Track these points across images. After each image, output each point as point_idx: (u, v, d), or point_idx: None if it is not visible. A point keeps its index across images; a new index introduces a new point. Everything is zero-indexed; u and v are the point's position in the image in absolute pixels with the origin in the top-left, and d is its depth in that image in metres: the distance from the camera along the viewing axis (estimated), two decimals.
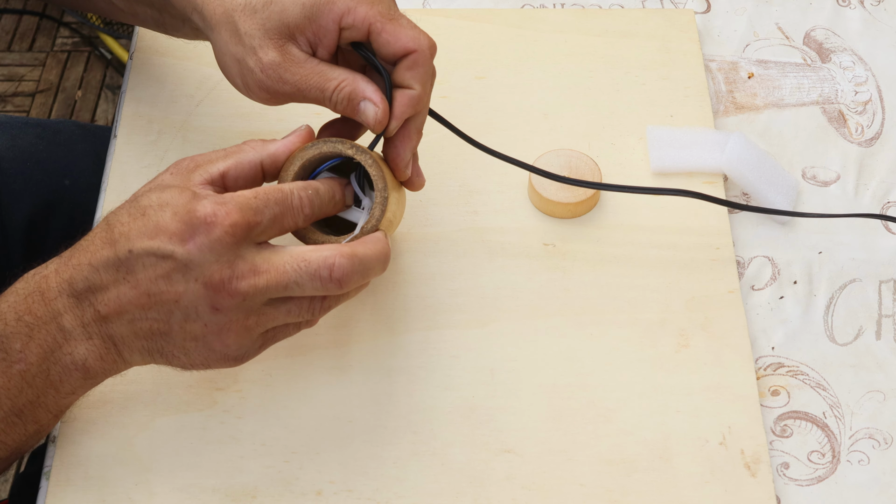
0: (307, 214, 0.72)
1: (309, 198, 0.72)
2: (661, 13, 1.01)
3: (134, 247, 0.68)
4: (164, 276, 0.68)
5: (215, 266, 0.67)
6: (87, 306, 0.69)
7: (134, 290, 0.68)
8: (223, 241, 0.67)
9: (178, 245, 0.67)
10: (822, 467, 0.79)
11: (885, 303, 0.86)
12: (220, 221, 0.67)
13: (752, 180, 0.89)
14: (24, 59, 2.14)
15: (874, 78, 0.98)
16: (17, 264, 1.00)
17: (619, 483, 0.77)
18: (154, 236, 0.67)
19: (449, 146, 0.92)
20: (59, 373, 0.70)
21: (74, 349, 0.69)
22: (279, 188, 0.71)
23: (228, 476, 0.77)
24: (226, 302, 0.68)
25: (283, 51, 0.75)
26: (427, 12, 1.01)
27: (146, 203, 0.69)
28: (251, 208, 0.68)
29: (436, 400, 0.80)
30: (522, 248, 0.87)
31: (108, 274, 0.68)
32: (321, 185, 0.73)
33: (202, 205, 0.68)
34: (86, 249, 0.70)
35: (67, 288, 0.69)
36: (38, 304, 0.69)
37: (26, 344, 0.69)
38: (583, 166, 0.89)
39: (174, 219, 0.67)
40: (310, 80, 0.75)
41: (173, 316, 0.69)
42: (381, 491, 0.76)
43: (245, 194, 0.69)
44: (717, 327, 0.83)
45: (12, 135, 1.05)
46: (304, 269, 0.69)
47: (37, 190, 1.03)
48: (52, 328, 0.69)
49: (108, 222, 0.70)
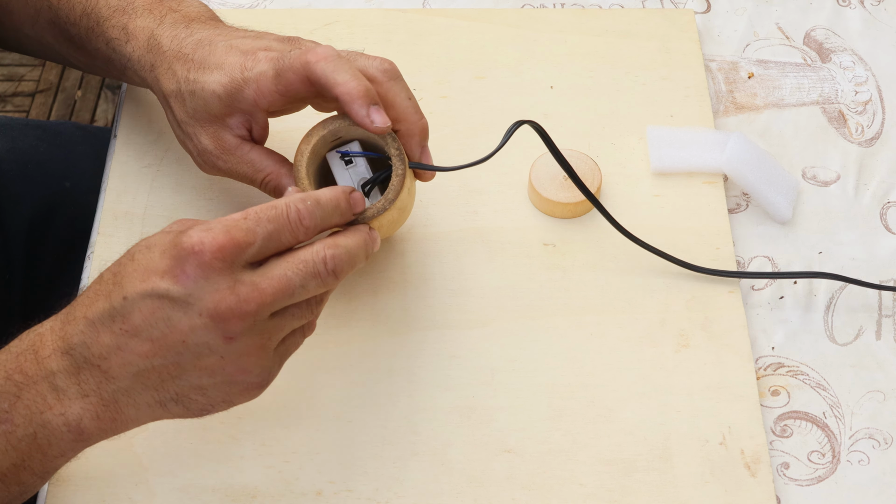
0: (308, 227, 0.69)
1: (308, 210, 0.69)
2: (661, 13, 1.01)
3: (127, 293, 0.65)
4: (164, 319, 0.65)
5: (216, 295, 0.65)
6: (84, 363, 0.66)
7: (134, 339, 0.65)
8: (214, 267, 0.65)
9: (170, 283, 0.65)
10: (822, 467, 0.79)
11: (885, 303, 0.86)
12: (207, 248, 0.64)
13: (752, 180, 0.89)
14: (24, 59, 2.14)
15: (874, 78, 0.98)
16: (18, 266, 1.00)
17: (619, 483, 0.77)
18: (145, 279, 0.65)
19: (449, 146, 0.92)
20: (48, 435, 0.67)
21: (67, 409, 0.66)
22: (273, 204, 0.68)
23: (228, 476, 0.77)
24: (237, 328, 0.65)
25: (215, 137, 0.78)
26: (427, 12, 1.01)
27: (134, 250, 0.67)
28: (240, 229, 0.66)
29: (436, 400, 0.80)
30: (522, 248, 0.87)
31: (104, 326, 0.66)
32: (323, 196, 0.70)
33: (187, 236, 0.65)
34: (81, 304, 0.67)
35: (62, 345, 0.66)
36: (31, 363, 0.67)
37: (13, 404, 0.66)
38: (583, 166, 0.89)
39: (162, 257, 0.65)
40: (240, 168, 0.79)
41: (183, 357, 0.66)
42: (381, 491, 0.76)
43: (233, 216, 0.67)
44: (717, 327, 0.83)
45: (12, 137, 1.05)
46: (304, 271, 0.67)
47: (37, 192, 1.03)
48: (42, 388, 0.66)
49: (100, 275, 0.68)
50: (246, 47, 0.77)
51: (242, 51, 0.77)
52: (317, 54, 0.74)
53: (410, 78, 0.95)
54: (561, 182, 0.88)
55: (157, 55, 0.80)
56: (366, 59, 0.77)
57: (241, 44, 0.78)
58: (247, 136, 0.79)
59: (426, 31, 0.99)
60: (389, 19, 0.99)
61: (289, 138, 0.84)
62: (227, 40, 0.78)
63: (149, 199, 0.89)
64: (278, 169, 0.79)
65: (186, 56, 0.78)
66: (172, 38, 0.79)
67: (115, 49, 0.83)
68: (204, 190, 0.89)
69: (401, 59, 0.95)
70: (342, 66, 0.74)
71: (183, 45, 0.79)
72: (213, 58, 0.77)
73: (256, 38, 0.79)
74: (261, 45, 0.77)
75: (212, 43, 0.78)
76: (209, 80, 0.77)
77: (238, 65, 0.76)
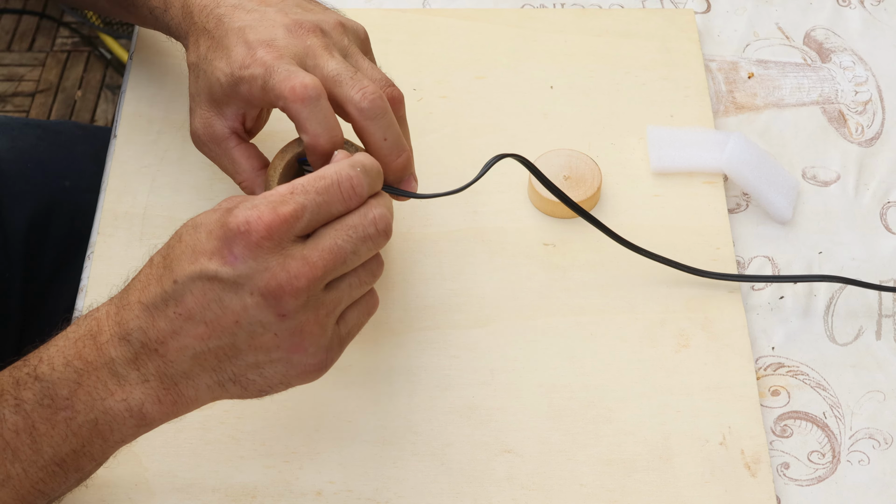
0: (360, 195, 0.67)
1: (359, 177, 0.67)
2: (661, 13, 1.01)
3: (178, 276, 0.65)
4: (216, 300, 0.64)
5: (266, 274, 0.64)
6: (142, 348, 0.65)
7: (189, 322, 0.65)
8: (262, 247, 0.64)
9: (218, 264, 0.64)
10: (823, 467, 0.79)
11: (884, 303, 0.86)
12: (254, 227, 0.63)
13: (752, 180, 0.89)
14: (24, 59, 2.14)
15: (874, 78, 0.98)
16: (17, 266, 1.00)
17: (619, 483, 0.77)
18: (194, 260, 0.64)
19: (449, 146, 0.92)
20: (109, 421, 0.66)
21: (129, 395, 0.66)
22: (321, 174, 0.66)
23: (228, 476, 0.77)
24: (290, 304, 0.64)
25: (207, 124, 0.78)
26: (427, 12, 1.01)
27: (182, 230, 0.66)
28: (287, 204, 0.64)
29: (436, 400, 0.80)
30: (522, 248, 0.87)
31: (159, 311, 0.65)
32: (366, 161, 0.68)
33: (233, 215, 0.64)
34: (134, 288, 0.67)
35: (119, 331, 0.66)
36: (90, 349, 0.66)
37: (74, 391, 0.65)
38: (583, 166, 0.89)
39: (209, 237, 0.64)
40: (221, 161, 0.80)
41: (238, 337, 0.65)
42: (381, 491, 0.76)
43: (279, 190, 0.65)
44: (717, 327, 0.83)
45: (12, 136, 1.05)
46: (355, 237, 0.66)
47: (37, 191, 1.02)
48: (103, 374, 0.65)
49: (150, 259, 0.67)
50: (252, 38, 0.76)
51: (247, 42, 0.75)
52: (294, 92, 0.72)
53: (410, 78, 0.95)
54: (561, 182, 0.88)
55: (189, 25, 0.80)
56: (351, 89, 0.74)
57: (250, 32, 0.76)
58: (239, 128, 0.79)
59: (426, 31, 0.99)
60: (389, 19, 0.99)
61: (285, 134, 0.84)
62: (242, 21, 0.77)
63: (149, 199, 0.89)
64: (254, 177, 0.79)
65: (209, 32, 0.78)
66: (202, 8, 0.79)
67: (158, 17, 0.84)
68: (204, 190, 0.89)
69: (401, 59, 0.96)
70: (315, 113, 0.72)
71: (208, 19, 0.78)
72: (226, 41, 0.76)
73: (269, 23, 0.76)
74: (266, 38, 0.75)
75: (229, 22, 0.77)
76: (217, 66, 0.76)
77: (238, 59, 0.75)
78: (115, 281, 0.85)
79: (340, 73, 0.74)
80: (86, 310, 0.83)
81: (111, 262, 0.86)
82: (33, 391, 0.65)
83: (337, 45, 0.77)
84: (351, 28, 0.79)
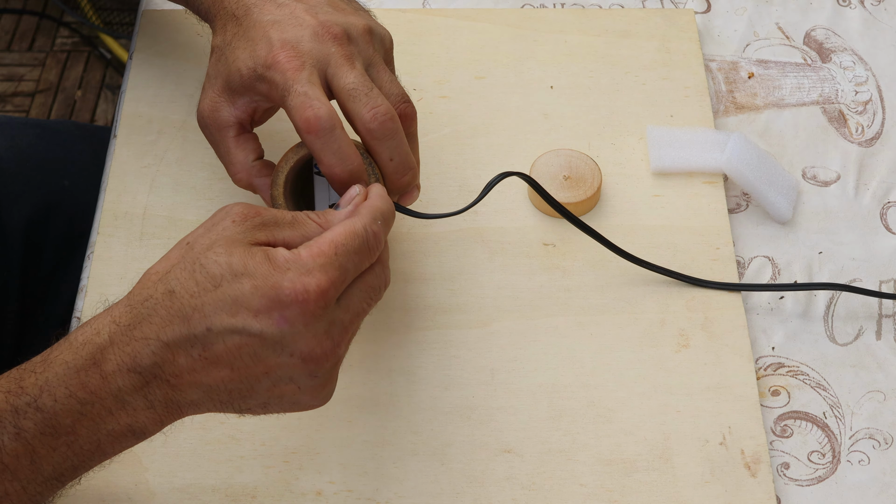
0: (380, 249, 0.68)
1: (381, 231, 0.68)
2: (661, 13, 1.01)
3: (213, 325, 0.63)
4: (251, 354, 0.63)
5: (313, 340, 0.64)
6: (154, 379, 0.64)
7: (213, 365, 0.64)
8: (315, 314, 0.63)
9: (265, 324, 0.63)
10: (823, 467, 0.79)
11: (885, 303, 0.86)
12: (312, 296, 0.63)
13: (752, 180, 0.89)
14: (24, 58, 2.14)
15: (874, 78, 0.98)
16: (16, 265, 1.00)
17: (619, 483, 0.77)
18: (235, 313, 0.63)
19: (449, 146, 0.92)
20: (112, 441, 0.65)
21: (133, 419, 0.65)
22: (353, 232, 0.66)
23: (228, 476, 0.77)
24: (326, 368, 0.65)
25: (214, 109, 0.78)
26: (427, 12, 1.01)
27: (216, 271, 0.64)
28: (335, 268, 0.65)
29: (436, 400, 0.80)
30: (522, 248, 0.87)
31: (182, 350, 0.63)
32: (385, 207, 0.70)
33: (287, 279, 0.63)
34: (150, 321, 0.64)
35: (130, 363, 0.64)
36: (94, 379, 0.64)
37: (77, 420, 0.64)
38: (583, 166, 0.89)
39: (255, 293, 0.63)
40: (217, 148, 0.79)
41: (260, 383, 0.65)
42: (381, 491, 0.76)
43: (325, 252, 0.65)
44: (717, 327, 0.83)
45: (11, 135, 1.05)
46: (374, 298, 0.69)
47: (36, 190, 1.02)
48: (108, 402, 0.64)
49: (169, 289, 0.64)
50: (276, 37, 0.75)
51: (271, 40, 0.75)
52: (308, 124, 0.72)
53: (410, 78, 0.95)
54: (561, 182, 0.88)
55: (219, 8, 0.79)
56: (363, 106, 0.74)
57: (276, 29, 0.75)
58: (246, 119, 0.78)
59: (426, 31, 0.99)
60: (389, 19, 0.99)
61: (285, 132, 0.84)
62: (271, 15, 0.76)
63: (149, 199, 0.89)
64: (246, 170, 0.78)
65: (238, 20, 0.77)
66: None
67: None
68: (204, 190, 0.89)
69: (401, 59, 0.96)
70: (328, 145, 0.72)
71: (238, 6, 0.78)
72: (252, 33, 0.76)
73: (297, 23, 0.76)
74: (290, 39, 0.75)
75: (258, 14, 0.77)
76: (240, 56, 0.76)
77: (261, 57, 0.75)
78: (114, 281, 0.85)
79: (357, 87, 0.74)
80: (85, 315, 0.82)
81: (111, 262, 0.86)
82: (34, 421, 0.64)
83: (361, 53, 0.76)
84: (378, 34, 0.78)
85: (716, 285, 0.85)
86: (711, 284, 0.85)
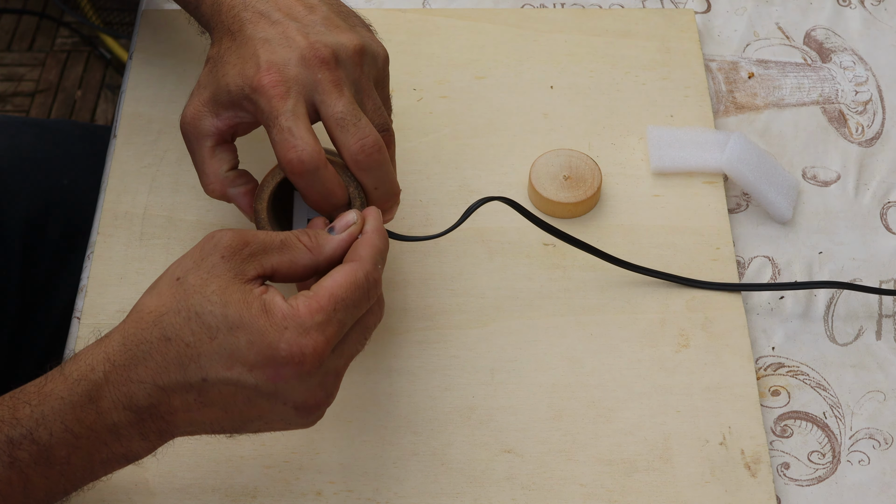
0: (379, 290, 0.69)
1: (379, 274, 0.69)
2: (661, 13, 1.01)
3: (208, 375, 0.64)
4: (245, 400, 0.65)
5: (306, 392, 0.65)
6: (149, 417, 0.65)
7: (209, 408, 0.65)
8: (311, 372, 0.65)
9: (260, 378, 0.64)
10: (823, 467, 0.79)
11: (885, 303, 0.86)
12: (308, 358, 0.64)
13: (752, 180, 0.89)
14: (24, 58, 2.14)
15: (874, 78, 0.98)
16: (15, 264, 1.00)
17: (619, 483, 0.77)
18: (230, 367, 0.64)
19: (449, 146, 0.92)
20: (104, 467, 0.67)
21: (127, 448, 0.66)
22: (354, 282, 0.67)
23: (228, 476, 0.77)
24: (318, 413, 0.67)
25: (197, 115, 0.77)
26: (427, 12, 1.01)
27: (212, 322, 0.64)
28: (333, 324, 0.65)
29: (436, 400, 0.80)
30: (522, 248, 0.87)
31: (177, 394, 0.65)
32: (383, 245, 0.70)
33: (284, 340, 0.64)
34: (145, 365, 0.65)
35: (126, 402, 0.65)
36: (90, 414, 0.65)
37: (72, 451, 0.65)
38: (583, 166, 0.89)
39: (251, 349, 0.64)
40: (194, 157, 0.78)
41: (252, 423, 0.67)
42: (381, 491, 0.76)
43: (324, 308, 0.65)
44: (717, 327, 0.83)
45: (11, 135, 1.05)
46: (366, 338, 0.69)
47: (35, 190, 1.02)
48: (103, 435, 0.65)
49: (165, 335, 0.65)
50: (264, 58, 0.74)
51: (259, 61, 0.74)
52: (291, 165, 0.71)
53: (411, 78, 0.95)
54: (561, 182, 0.88)
55: (217, 21, 0.79)
56: (351, 137, 0.73)
57: (265, 49, 0.74)
58: (226, 132, 0.77)
59: (426, 31, 0.99)
60: (389, 19, 0.99)
61: None
62: (263, 33, 0.75)
63: (149, 199, 0.89)
64: (218, 182, 0.77)
65: (232, 34, 0.77)
66: (230, 7, 0.78)
67: (193, 6, 0.83)
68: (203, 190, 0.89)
69: (401, 59, 0.96)
70: (313, 184, 0.72)
71: (234, 21, 0.77)
72: (243, 50, 0.75)
73: (286, 44, 0.75)
74: (277, 62, 0.74)
75: (251, 31, 0.76)
76: (229, 71, 0.75)
77: (248, 76, 0.74)
78: (114, 281, 0.85)
79: (345, 117, 0.73)
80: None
81: (111, 262, 0.86)
82: (29, 452, 0.65)
83: (349, 77, 0.75)
84: (371, 54, 0.77)
85: (714, 286, 0.85)
86: (709, 285, 0.85)
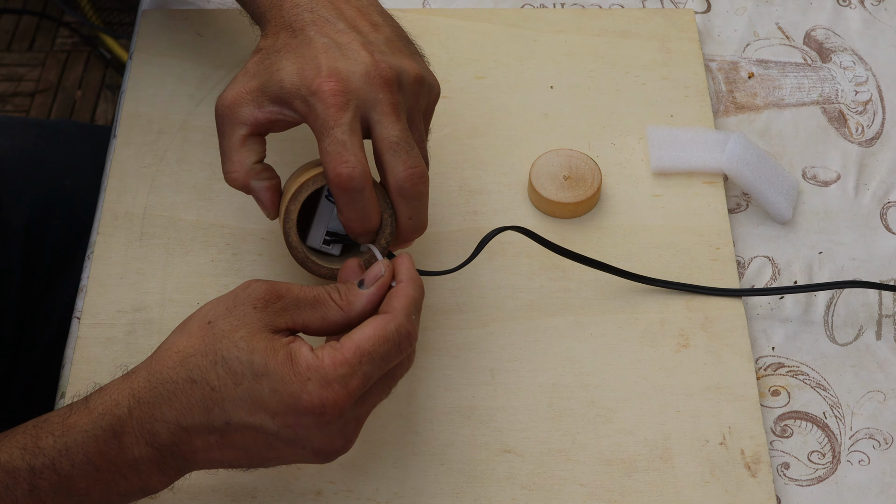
0: (414, 342, 0.69)
1: (416, 325, 0.68)
2: (661, 13, 1.01)
3: (231, 420, 0.65)
4: (265, 444, 0.66)
5: (325, 440, 0.66)
6: (170, 455, 0.67)
7: (229, 449, 0.67)
8: (331, 422, 0.66)
9: (281, 426, 0.65)
10: (823, 467, 0.79)
11: (885, 303, 0.86)
12: (329, 410, 0.65)
13: (752, 180, 0.89)
14: (24, 58, 2.14)
15: (874, 78, 0.98)
16: (16, 265, 1.00)
17: (619, 483, 0.77)
18: (253, 413, 0.65)
19: (449, 146, 0.92)
20: (121, 499, 0.68)
21: (146, 483, 0.67)
22: (384, 336, 0.67)
23: (228, 476, 0.77)
24: (335, 457, 0.69)
25: (239, 101, 0.75)
26: (427, 12, 1.01)
27: (238, 369, 0.65)
28: (358, 376, 0.66)
29: (436, 400, 0.80)
30: (522, 248, 0.87)
31: (199, 435, 0.66)
32: (418, 294, 0.70)
33: (307, 392, 0.65)
34: (170, 405, 0.66)
35: (149, 439, 0.66)
36: (113, 448, 0.66)
37: (92, 483, 0.66)
38: (583, 166, 0.89)
39: (274, 397, 0.65)
40: (222, 141, 0.77)
41: (270, 462, 0.69)
42: (381, 491, 0.76)
43: (349, 361, 0.65)
44: (717, 327, 0.83)
45: (12, 135, 1.05)
46: (392, 386, 0.70)
47: (36, 190, 1.02)
48: (124, 469, 0.67)
49: (191, 377, 0.66)
50: (327, 64, 0.73)
51: (319, 67, 0.73)
52: (339, 179, 0.71)
53: None
54: (561, 182, 0.88)
55: (274, 14, 0.77)
56: (401, 163, 0.73)
57: (328, 55, 0.73)
58: (264, 123, 0.76)
59: (426, 31, 0.99)
60: None
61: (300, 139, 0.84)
62: (327, 39, 0.74)
63: (149, 199, 0.89)
64: (243, 172, 0.76)
65: (293, 31, 0.75)
66: (294, 5, 0.77)
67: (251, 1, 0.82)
68: (204, 190, 0.89)
69: None
70: (353, 203, 0.72)
71: (296, 19, 0.76)
72: (304, 49, 0.74)
73: (352, 55, 0.74)
74: (342, 70, 0.72)
75: (315, 34, 0.75)
76: (285, 66, 0.74)
77: (308, 79, 0.73)
78: (114, 281, 0.85)
79: (399, 142, 0.72)
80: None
81: (111, 262, 0.86)
82: (50, 482, 0.66)
83: (406, 103, 0.74)
84: (427, 84, 0.76)
85: (715, 291, 0.85)
86: (710, 291, 0.85)
